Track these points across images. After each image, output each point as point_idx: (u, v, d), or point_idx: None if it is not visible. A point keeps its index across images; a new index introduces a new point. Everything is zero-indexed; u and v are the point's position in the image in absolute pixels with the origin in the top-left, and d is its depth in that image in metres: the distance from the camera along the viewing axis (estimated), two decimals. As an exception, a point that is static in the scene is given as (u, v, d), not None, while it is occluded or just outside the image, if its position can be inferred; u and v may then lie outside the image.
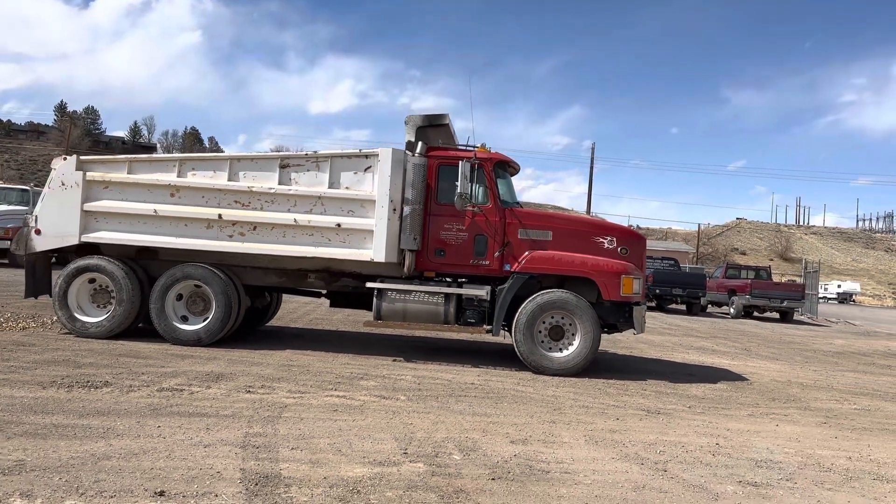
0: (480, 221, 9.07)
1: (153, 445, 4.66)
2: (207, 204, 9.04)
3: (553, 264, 8.97)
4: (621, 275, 8.85)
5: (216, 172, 9.15)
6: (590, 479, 4.65)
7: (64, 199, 9.12)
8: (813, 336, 20.26)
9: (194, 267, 9.05)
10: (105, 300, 9.23)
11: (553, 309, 8.81)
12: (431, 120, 9.40)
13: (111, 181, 9.14)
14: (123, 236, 9.12)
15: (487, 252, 9.06)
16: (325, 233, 8.92)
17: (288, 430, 5.30)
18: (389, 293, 8.97)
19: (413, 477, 4.40)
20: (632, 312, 9.03)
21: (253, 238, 9.01)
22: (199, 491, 3.88)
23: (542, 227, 9.17)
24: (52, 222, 9.18)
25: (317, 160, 9.08)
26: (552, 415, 6.54)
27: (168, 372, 7.20)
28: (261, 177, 9.07)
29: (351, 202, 8.95)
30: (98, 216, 9.15)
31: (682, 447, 5.68)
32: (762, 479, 4.93)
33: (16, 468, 4.03)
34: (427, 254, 9.08)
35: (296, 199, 8.97)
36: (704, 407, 7.52)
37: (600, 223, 10.39)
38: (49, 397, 5.78)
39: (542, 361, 8.76)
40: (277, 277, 9.57)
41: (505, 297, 8.88)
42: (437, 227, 9.08)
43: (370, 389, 7.08)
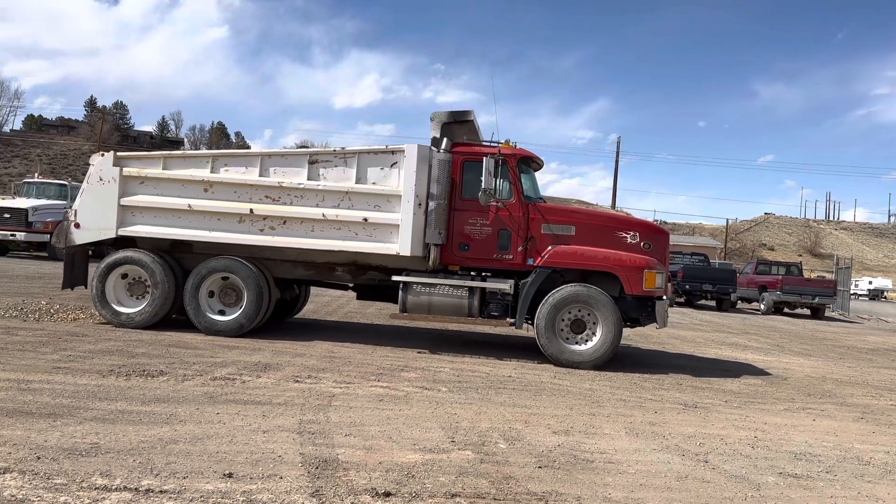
0: (504, 216, 9.23)
1: (215, 431, 4.89)
2: (239, 199, 9.32)
3: (576, 259, 9.10)
4: (644, 269, 8.95)
5: (247, 168, 9.44)
6: (633, 468, 4.80)
7: (102, 193, 9.48)
8: (846, 333, 20.12)
9: (228, 259, 9.34)
10: (141, 292, 9.54)
11: (575, 303, 8.94)
12: (456, 116, 9.57)
13: (147, 176, 9.45)
14: (159, 230, 9.45)
15: (511, 246, 9.22)
16: (353, 227, 9.16)
17: (339, 417, 5.51)
18: (415, 286, 9.17)
19: (463, 463, 4.58)
20: (654, 307, 9.13)
21: (283, 232, 9.28)
22: (264, 473, 4.09)
23: (565, 222, 9.31)
24: (91, 216, 9.55)
25: (344, 156, 9.30)
26: (591, 407, 6.68)
27: (218, 362, 7.47)
28: (290, 172, 9.34)
29: (377, 197, 9.16)
30: (134, 210, 9.48)
31: (721, 440, 5.79)
32: (802, 471, 5.03)
33: (92, 450, 4.28)
34: (451, 248, 9.27)
35: (324, 194, 9.21)
36: (741, 401, 7.62)
37: (623, 218, 10.47)
38: (110, 385, 6.05)
39: (562, 354, 8.90)
40: (306, 270, 9.81)
41: (528, 291, 9.03)
42: (462, 222, 9.26)
43: (412, 381, 7.28)
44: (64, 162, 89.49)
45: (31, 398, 5.40)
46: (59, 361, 6.87)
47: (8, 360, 6.77)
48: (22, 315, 9.80)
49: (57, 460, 4.05)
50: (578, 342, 8.99)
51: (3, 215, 22.23)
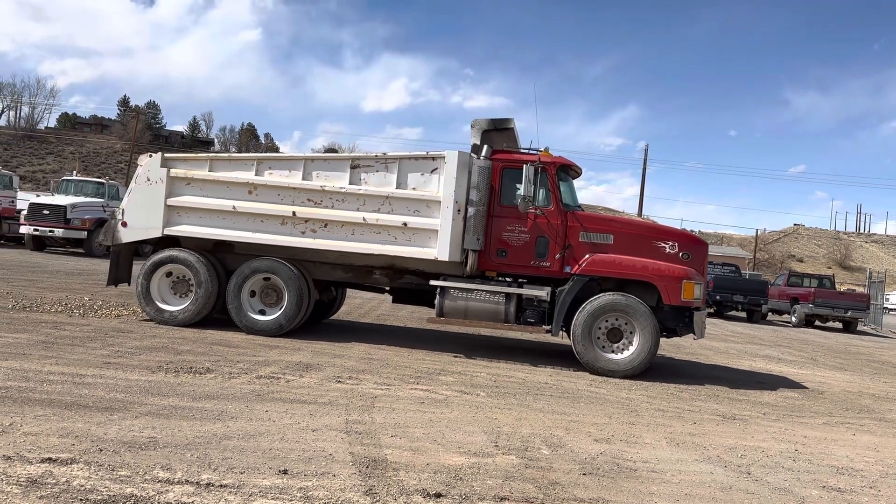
0: (542, 224, 9.27)
1: (266, 428, 5.02)
2: (282, 201, 9.47)
3: (614, 268, 9.10)
4: (682, 280, 8.93)
5: (291, 172, 9.58)
6: (677, 478, 4.83)
7: (149, 193, 9.70)
8: (879, 347, 19.84)
9: (270, 260, 9.51)
10: (184, 290, 9.75)
11: (612, 311, 8.93)
12: (497, 124, 9.67)
13: (193, 178, 9.66)
14: (203, 230, 9.64)
15: (548, 254, 9.26)
16: (392, 231, 9.25)
17: (383, 419, 5.61)
18: (452, 291, 9.26)
19: (508, 468, 4.65)
20: (692, 317, 9.10)
21: (324, 235, 9.41)
22: (317, 471, 4.20)
23: (603, 231, 9.32)
24: (138, 215, 9.78)
25: (386, 161, 9.41)
26: (630, 416, 6.72)
27: (261, 361, 7.62)
28: (332, 176, 9.47)
29: (417, 202, 9.25)
30: (180, 210, 9.69)
31: (762, 452, 5.80)
32: (846, 486, 5.03)
33: (150, 444, 4.42)
34: (489, 254, 9.32)
35: (365, 198, 9.32)
36: (779, 414, 7.59)
37: (662, 228, 10.45)
38: (160, 381, 6.22)
39: (598, 362, 8.91)
40: (344, 273, 9.94)
41: (565, 299, 9.06)
42: (500, 229, 9.32)
43: (450, 385, 7.37)
44: (97, 160, 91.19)
45: (86, 392, 5.57)
46: (108, 357, 7.05)
47: (60, 354, 6.97)
48: (67, 310, 10.05)
49: (118, 453, 4.19)
50: (615, 351, 8.99)
51: (43, 212, 22.71)
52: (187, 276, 9.69)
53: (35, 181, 72.71)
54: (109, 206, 24.62)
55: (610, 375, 8.83)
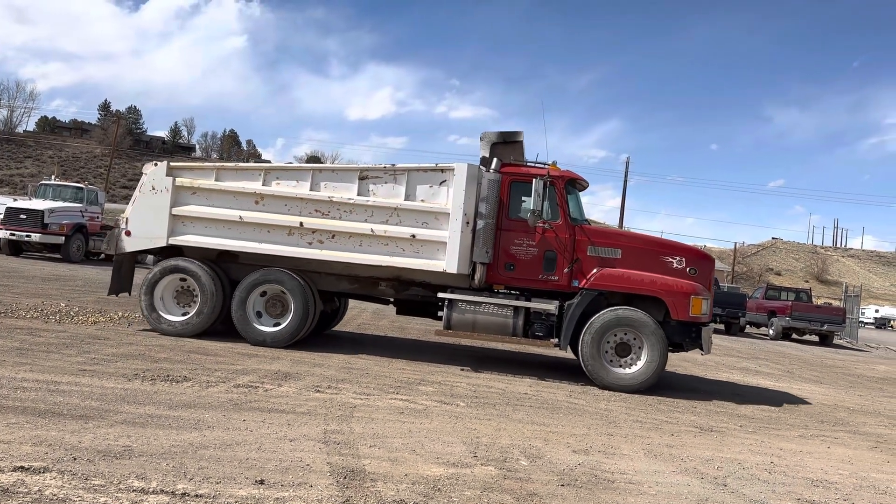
0: (550, 237, 9.27)
1: (243, 438, 4.98)
2: (290, 212, 9.41)
3: (623, 282, 9.10)
4: (690, 295, 8.95)
5: (299, 182, 9.53)
6: (654, 489, 4.85)
7: (154, 202, 9.58)
8: (854, 361, 20.09)
9: (276, 271, 9.44)
10: (188, 300, 9.64)
11: (621, 326, 8.93)
12: (506, 137, 9.67)
13: (199, 187, 9.56)
14: (209, 240, 9.55)
15: (557, 268, 9.24)
16: (400, 243, 9.23)
17: (362, 428, 5.59)
18: (460, 304, 9.22)
19: (487, 479, 4.65)
20: (699, 333, 9.13)
21: (331, 246, 9.36)
22: (294, 481, 4.17)
23: (611, 245, 9.34)
24: (142, 224, 9.67)
25: (394, 173, 9.38)
26: (608, 427, 6.74)
27: (239, 369, 7.56)
28: (340, 187, 9.43)
29: (426, 214, 9.24)
30: (185, 220, 9.58)
31: (739, 464, 5.84)
32: (820, 498, 5.08)
33: (125, 453, 4.36)
34: (497, 267, 9.29)
35: (373, 209, 9.29)
36: (756, 426, 7.66)
37: (670, 243, 10.44)
38: (136, 389, 6.15)
39: (607, 377, 8.92)
40: (349, 284, 9.89)
41: (574, 312, 9.03)
42: (508, 242, 9.30)
43: (430, 395, 7.35)
44: (76, 164, 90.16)
45: (61, 399, 5.50)
46: (84, 364, 6.97)
47: (35, 360, 6.87)
48: (43, 317, 9.91)
49: (93, 462, 4.14)
50: (623, 365, 8.99)
51: (20, 216, 22.42)
52: (191, 287, 9.57)
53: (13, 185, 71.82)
54: (88, 212, 24.40)
55: (618, 390, 8.82)
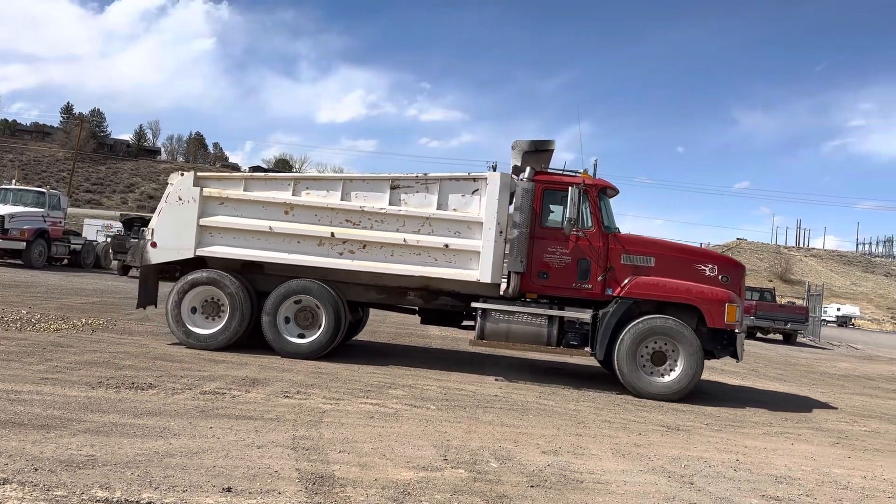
0: (584, 246, 9.25)
1: (210, 445, 4.92)
2: (320, 222, 9.31)
3: (659, 290, 9.12)
4: (725, 303, 8.99)
5: (329, 192, 9.44)
6: (622, 489, 4.90)
7: (181, 213, 9.40)
8: (817, 359, 20.51)
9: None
10: (215, 312, 9.47)
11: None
12: (538, 146, 9.64)
13: (227, 197, 9.43)
14: (237, 251, 9.40)
15: (590, 276, 9.22)
16: (432, 252, 9.19)
17: (332, 434, 5.56)
18: (494, 313, 9.17)
19: (457, 482, 4.65)
20: (733, 340, 9.20)
21: (362, 256, 9.29)
22: (262, 488, 4.13)
23: (644, 253, 9.34)
24: (169, 236, 9.47)
25: (426, 182, 9.34)
26: (577, 428, 6.79)
27: (206, 376, 7.47)
28: (371, 197, 9.35)
29: (458, 223, 9.20)
30: (213, 231, 9.42)
31: (705, 462, 5.93)
32: (784, 495, 5.18)
33: (88, 463, 4.28)
34: (530, 276, 9.23)
35: (405, 219, 9.24)
36: (721, 424, 7.78)
37: (702, 251, 10.50)
38: (100, 397, 6.04)
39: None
40: (377, 294, 9.80)
41: (609, 321, 9.01)
42: (541, 251, 9.25)
43: (400, 398, 7.34)
44: (37, 168, 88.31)
45: (21, 409, 5.38)
46: (46, 372, 6.83)
47: (-6, 369, 6.71)
48: (3, 324, 9.69)
49: (55, 472, 4.05)
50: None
51: (-22, 221, 21.86)
52: (218, 299, 9.42)
53: (-29, 189, 70.05)
54: (50, 217, 23.90)
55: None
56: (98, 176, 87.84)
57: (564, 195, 9.15)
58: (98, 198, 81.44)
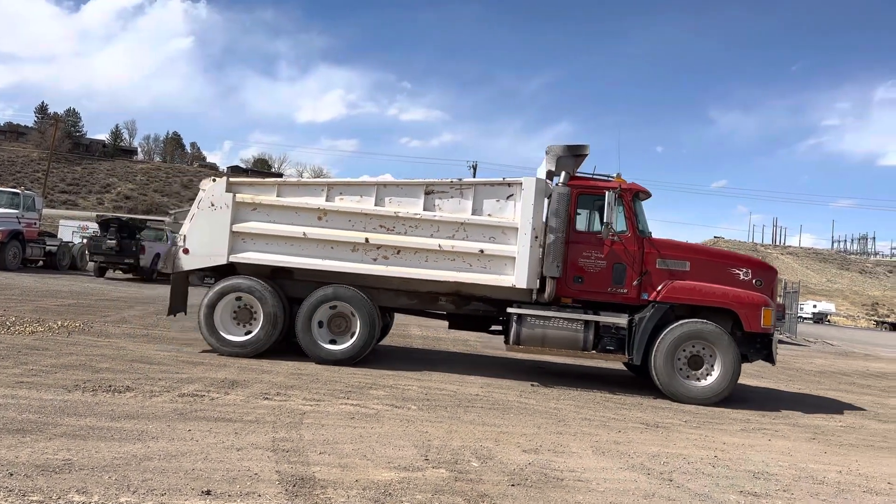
0: (619, 250, 9.25)
1: (189, 448, 4.88)
2: (354, 228, 9.29)
3: (696, 295, 9.12)
4: (762, 307, 9.04)
5: (363, 197, 9.39)
6: (602, 486, 4.94)
7: (213, 219, 9.31)
8: (794, 355, 20.76)
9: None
10: (247, 319, 9.40)
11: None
12: (572, 150, 9.53)
13: (260, 203, 9.36)
14: (270, 257, 9.35)
15: (626, 280, 9.22)
16: (467, 258, 9.18)
17: (312, 435, 5.54)
18: (529, 319, 9.13)
19: (438, 482, 4.66)
20: (768, 344, 9.28)
21: (396, 262, 9.27)
22: (241, 491, 4.11)
23: (679, 257, 9.35)
24: (202, 242, 9.37)
25: (461, 187, 9.34)
26: (558, 426, 6.83)
27: (184, 378, 7.40)
28: (406, 202, 9.34)
29: (493, 229, 9.20)
30: (245, 237, 9.36)
31: (684, 459, 5.98)
32: (761, 490, 5.24)
33: (65, 467, 4.23)
34: (565, 280, 9.20)
35: (439, 224, 9.23)
36: (699, 421, 7.85)
37: (735, 255, 10.56)
38: (76, 400, 5.97)
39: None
40: (409, 300, 9.78)
41: (646, 326, 9.01)
42: (576, 255, 9.24)
43: (381, 399, 7.33)
44: (12, 169, 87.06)
45: (-4, 413, 5.30)
46: (21, 376, 6.73)
47: (-33, 373, 6.61)
48: (-24, 327, 9.54)
49: (31, 477, 4.00)
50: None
51: (-49, 223, 21.50)
52: (250, 305, 9.36)
53: (-57, 190, 68.86)
54: (25, 218, 23.56)
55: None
56: (73, 176, 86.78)
57: (597, 199, 9.25)
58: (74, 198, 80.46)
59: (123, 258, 23.87)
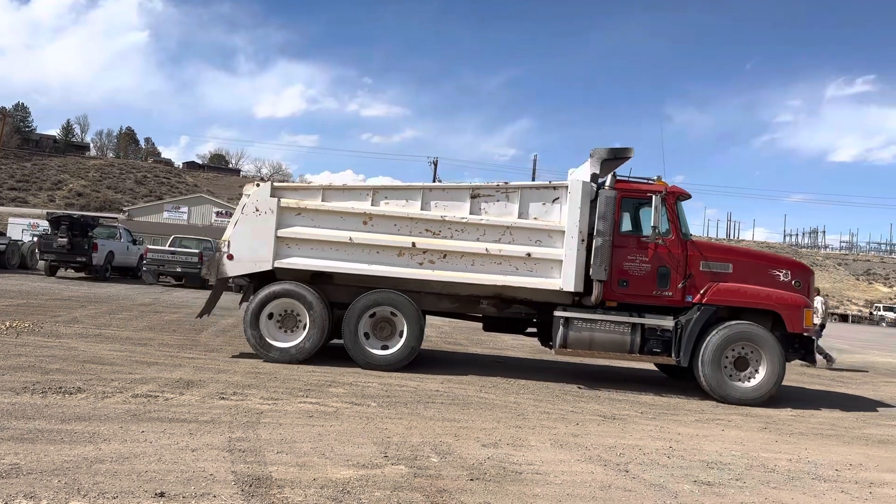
0: (663, 253, 9.32)
1: (142, 450, 4.78)
2: (399, 232, 9.23)
3: (741, 296, 9.24)
4: (803, 308, 9.20)
5: (408, 201, 9.35)
6: (560, 479, 4.99)
7: (258, 224, 9.19)
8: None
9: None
10: (292, 325, 9.32)
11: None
12: (616, 153, 9.65)
13: (305, 208, 9.26)
14: (315, 262, 9.25)
15: (670, 283, 9.30)
16: (514, 262, 9.18)
17: (269, 434, 5.48)
18: (577, 322, 9.14)
19: (397, 478, 4.65)
20: (808, 345, 9.49)
21: (442, 266, 9.21)
22: (196, 492, 4.04)
23: (722, 260, 9.47)
24: (246, 248, 9.24)
25: (507, 191, 9.35)
26: (517, 420, 6.88)
27: (137, 378, 7.26)
28: (452, 206, 9.31)
29: (539, 232, 9.21)
30: (290, 242, 9.24)
31: (640, 450, 6.08)
32: (715, 479, 5.35)
33: (12, 471, 4.11)
34: (611, 284, 9.23)
35: (485, 228, 9.22)
36: (655, 413, 7.99)
37: (775, 256, 10.73)
38: (26, 403, 5.81)
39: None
40: (450, 303, 9.78)
41: (693, 328, 9.08)
42: (621, 258, 9.27)
43: (340, 396, 7.29)
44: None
45: (-62, 418, 5.13)
46: (-35, 379, 6.52)
47: None
48: (-82, 329, 9.21)
49: (-25, 483, 3.88)
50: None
51: None
52: (295, 311, 9.29)
53: None
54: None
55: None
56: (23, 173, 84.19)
57: (638, 202, 9.41)
58: (24, 195, 78.10)
59: (75, 257, 23.28)
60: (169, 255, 24.45)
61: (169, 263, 24.18)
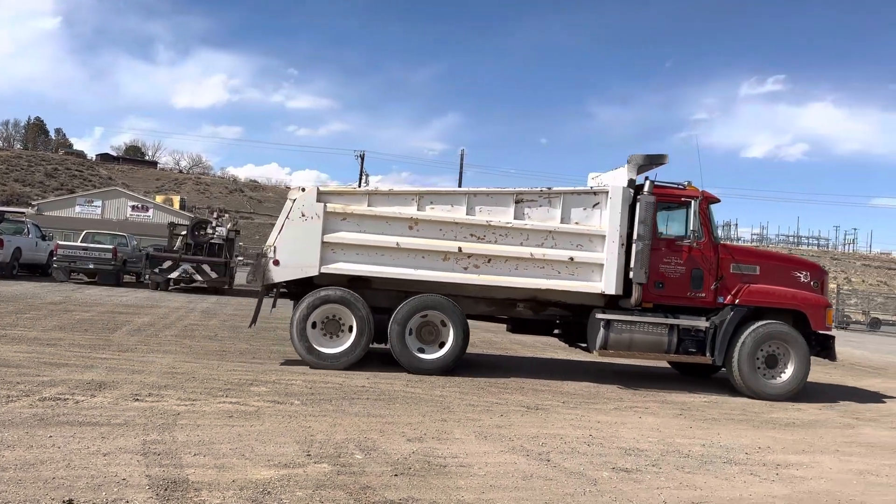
0: (697, 256, 9.59)
1: (49, 455, 4.56)
2: (444, 237, 9.22)
3: (770, 297, 9.63)
4: (825, 307, 9.65)
5: (454, 206, 9.35)
6: (483, 470, 5.04)
7: (304, 230, 9.06)
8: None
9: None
10: (335, 330, 9.24)
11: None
12: (653, 160, 9.78)
13: (351, 213, 9.15)
14: (361, 267, 9.19)
15: (704, 285, 9.60)
16: (556, 266, 9.27)
17: (186, 436, 5.32)
18: (617, 324, 9.30)
19: (320, 476, 4.60)
20: (829, 343, 9.90)
21: (486, 270, 9.26)
22: (108, 498, 3.89)
23: (751, 262, 9.88)
24: (292, 253, 9.08)
25: (549, 196, 9.43)
26: (442, 413, 6.91)
27: (45, 381, 6.92)
28: (496, 211, 9.35)
29: (580, 237, 9.33)
30: (335, 247, 9.14)
31: (561, 439, 6.21)
32: (632, 465, 5.52)
33: None
34: (648, 286, 9.41)
35: (528, 233, 9.29)
36: (576, 402, 8.18)
37: (797, 259, 11.14)
38: (-81, 411, 5.45)
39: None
40: (487, 306, 9.83)
41: (727, 328, 9.42)
42: (657, 261, 9.48)
43: (262, 395, 7.14)
44: None
45: None
46: None
47: None
48: None
49: None
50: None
51: None
52: (338, 316, 9.22)
53: None
54: None
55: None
56: (-82, 165, 78.90)
57: (676, 207, 9.63)
58: (-81, 189, 73.18)
59: (-22, 254, 21.96)
60: (81, 251, 23.36)
61: (81, 260, 23.11)
